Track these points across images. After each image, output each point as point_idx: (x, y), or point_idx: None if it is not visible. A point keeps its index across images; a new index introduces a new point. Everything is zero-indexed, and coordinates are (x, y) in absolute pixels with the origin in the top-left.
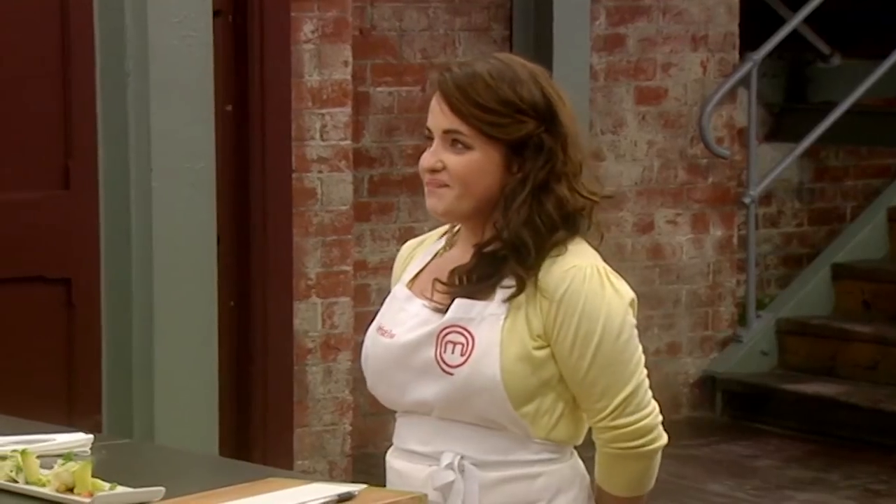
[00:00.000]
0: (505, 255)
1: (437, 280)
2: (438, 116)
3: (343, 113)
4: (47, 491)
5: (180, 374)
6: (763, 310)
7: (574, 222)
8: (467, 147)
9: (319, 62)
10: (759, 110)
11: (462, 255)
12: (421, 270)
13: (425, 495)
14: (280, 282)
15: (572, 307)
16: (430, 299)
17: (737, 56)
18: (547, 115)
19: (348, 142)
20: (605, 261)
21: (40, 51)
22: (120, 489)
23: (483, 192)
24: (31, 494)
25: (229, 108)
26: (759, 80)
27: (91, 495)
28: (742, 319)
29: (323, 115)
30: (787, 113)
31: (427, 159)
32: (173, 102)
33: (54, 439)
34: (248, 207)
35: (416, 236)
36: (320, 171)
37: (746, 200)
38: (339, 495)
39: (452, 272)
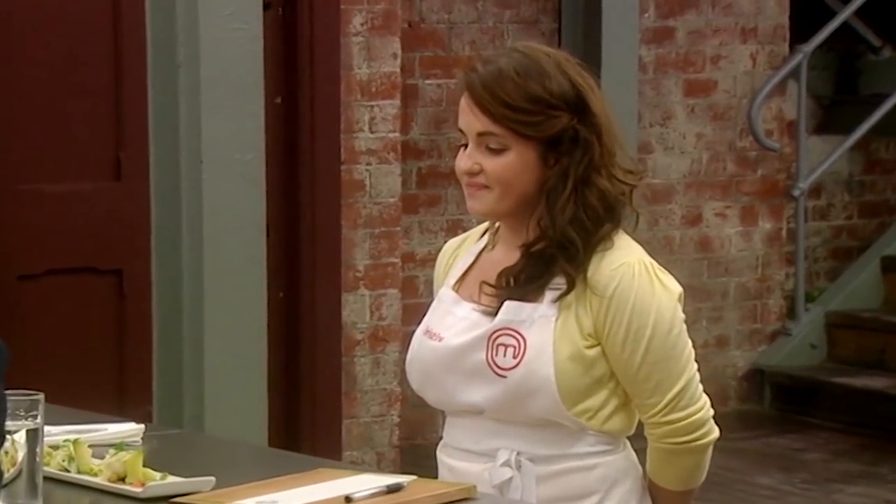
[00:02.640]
0: (553, 253)
1: (484, 283)
2: (470, 119)
3: (392, 105)
4: (99, 480)
5: (230, 365)
6: (812, 303)
7: (616, 212)
8: (503, 148)
9: (368, 55)
10: (808, 103)
11: (506, 255)
12: (466, 272)
13: (474, 486)
14: (329, 273)
15: (623, 304)
16: (479, 302)
17: (787, 48)
18: (579, 106)
19: (397, 134)
20: (650, 254)
21: (93, 44)
22: (171, 479)
23: (522, 189)
24: (83, 483)
25: (279, 100)
26: (808, 72)
27: (142, 485)
28: (791, 312)
29: (372, 107)
30: (836, 105)
31: (464, 162)
32: (223, 95)
33: (106, 429)
34: (297, 199)
35: (464, 228)
36: (369, 164)
37: (796, 193)
38: (387, 486)
39: (500, 274)
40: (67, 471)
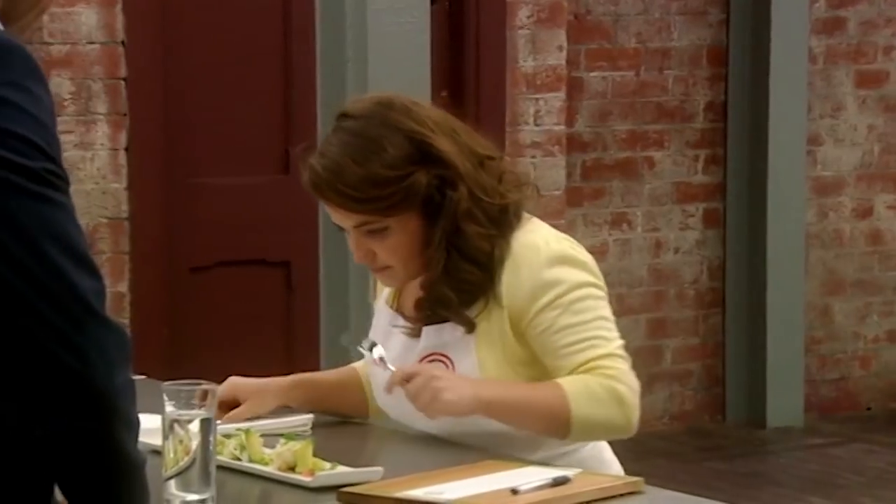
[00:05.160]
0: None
1: (399, 311)
2: (337, 216)
3: (557, 98)
4: (270, 469)
5: None
6: None
7: (507, 224)
8: (383, 227)
9: (534, 47)
10: None
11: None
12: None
13: (641, 480)
14: None
15: (517, 273)
16: (407, 323)
17: None
18: (426, 156)
19: (562, 127)
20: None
21: (263, 40)
22: (340, 468)
23: (424, 251)
24: (254, 472)
25: (445, 93)
26: None
27: (312, 474)
28: None
29: (537, 100)
30: None
31: (357, 255)
32: (391, 88)
33: (277, 419)
34: None
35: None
36: (533, 156)
37: None
38: (553, 479)
39: (418, 301)
40: (239, 459)
